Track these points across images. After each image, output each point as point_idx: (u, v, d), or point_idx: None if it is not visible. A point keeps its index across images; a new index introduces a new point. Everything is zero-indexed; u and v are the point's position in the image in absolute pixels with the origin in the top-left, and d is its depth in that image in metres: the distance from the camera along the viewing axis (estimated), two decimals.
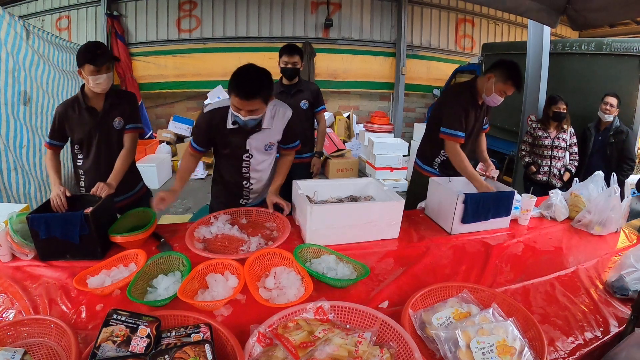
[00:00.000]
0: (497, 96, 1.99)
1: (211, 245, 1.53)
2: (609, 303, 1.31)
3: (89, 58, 1.67)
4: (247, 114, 1.55)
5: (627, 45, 3.55)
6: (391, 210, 1.67)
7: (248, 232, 1.63)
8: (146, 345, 0.89)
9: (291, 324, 1.01)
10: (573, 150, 3.18)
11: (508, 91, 1.97)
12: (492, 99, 2.02)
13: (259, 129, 1.72)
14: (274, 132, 1.77)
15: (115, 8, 5.74)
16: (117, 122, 1.89)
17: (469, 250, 1.65)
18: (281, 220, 1.71)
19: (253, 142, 1.75)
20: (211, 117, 1.71)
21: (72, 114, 1.82)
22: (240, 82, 1.50)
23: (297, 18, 6.34)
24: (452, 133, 2.03)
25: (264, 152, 1.80)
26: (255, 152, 1.78)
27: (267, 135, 1.76)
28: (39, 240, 1.38)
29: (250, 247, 1.52)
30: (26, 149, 3.29)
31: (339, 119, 6.49)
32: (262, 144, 1.77)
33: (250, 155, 1.78)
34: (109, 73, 1.74)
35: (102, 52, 1.70)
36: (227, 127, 1.69)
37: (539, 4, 2.44)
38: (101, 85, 1.73)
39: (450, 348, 0.97)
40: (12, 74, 3.12)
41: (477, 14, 7.35)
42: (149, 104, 6.20)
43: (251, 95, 1.50)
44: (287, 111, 1.80)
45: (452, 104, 2.09)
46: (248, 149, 1.76)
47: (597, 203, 1.86)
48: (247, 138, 1.73)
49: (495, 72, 1.97)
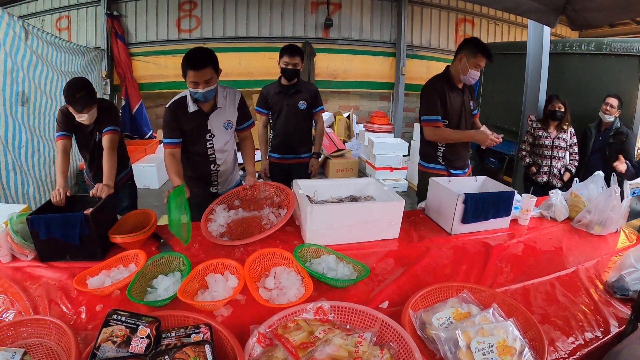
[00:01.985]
0: (473, 71, 2.12)
1: (233, 235, 1.57)
2: (609, 303, 1.31)
3: (68, 100, 1.84)
4: (204, 86, 1.74)
5: (627, 45, 3.54)
6: (391, 210, 1.67)
7: (253, 209, 1.69)
8: (146, 345, 0.89)
9: (291, 325, 1.01)
10: (573, 150, 3.18)
11: (481, 62, 2.11)
12: (470, 76, 2.14)
13: (215, 107, 1.91)
14: (228, 111, 1.98)
15: (115, 8, 5.73)
16: (98, 136, 2.06)
17: (469, 251, 1.65)
18: (273, 186, 1.87)
19: (213, 121, 1.94)
20: (174, 108, 1.88)
21: (69, 117, 1.96)
22: (191, 57, 1.72)
23: (297, 18, 6.34)
24: (429, 119, 2.19)
25: (224, 130, 1.99)
26: (217, 131, 1.96)
27: (223, 113, 1.96)
28: (39, 241, 1.38)
29: (270, 218, 1.65)
30: (25, 149, 3.29)
31: (339, 119, 6.48)
32: (220, 123, 1.96)
33: (212, 135, 1.96)
34: (91, 111, 1.90)
35: (80, 96, 1.83)
36: (189, 111, 1.87)
37: (539, 4, 2.44)
38: (84, 122, 1.93)
39: (450, 348, 0.97)
40: (11, 75, 3.12)
41: (477, 14, 7.34)
42: (149, 104, 6.19)
43: (202, 64, 1.71)
44: (237, 93, 2.02)
45: (426, 93, 2.25)
46: (210, 129, 1.94)
47: (597, 203, 1.86)
48: (207, 119, 1.92)
49: (464, 52, 2.14)
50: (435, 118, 2.17)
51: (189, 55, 1.73)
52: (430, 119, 2.18)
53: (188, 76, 1.73)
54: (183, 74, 1.76)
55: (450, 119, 2.22)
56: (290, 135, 2.71)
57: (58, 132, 1.99)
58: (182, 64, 1.73)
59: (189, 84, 1.76)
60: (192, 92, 1.80)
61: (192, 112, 1.88)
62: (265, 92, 2.71)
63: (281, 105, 2.66)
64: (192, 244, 1.59)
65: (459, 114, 2.24)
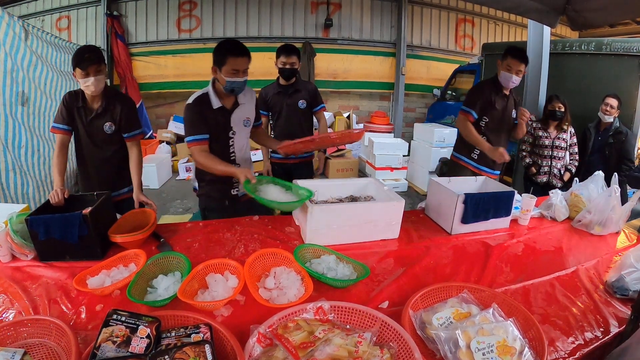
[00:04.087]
0: (505, 73, 2.28)
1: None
2: (609, 303, 1.31)
3: (76, 61, 1.76)
4: (242, 75, 1.74)
5: (627, 45, 3.54)
6: (391, 210, 1.67)
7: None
8: (146, 345, 0.88)
9: (291, 324, 1.01)
10: (573, 150, 3.18)
11: (512, 64, 2.26)
12: (504, 79, 2.31)
13: (237, 104, 1.89)
14: (247, 108, 1.96)
15: (115, 8, 5.74)
16: (107, 126, 1.93)
17: (469, 251, 1.65)
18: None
19: (235, 117, 1.91)
20: (198, 104, 1.83)
21: (72, 106, 1.88)
22: (232, 44, 1.73)
23: (297, 18, 6.34)
24: (464, 109, 2.41)
25: (243, 127, 1.97)
26: (237, 128, 1.94)
27: (244, 110, 1.94)
28: (38, 241, 1.38)
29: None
30: (24, 149, 3.29)
31: (339, 119, 6.49)
32: (241, 120, 1.94)
33: (234, 133, 1.93)
34: (98, 76, 1.79)
35: (89, 55, 1.76)
36: (213, 107, 1.83)
37: (539, 4, 2.44)
38: (89, 88, 1.80)
39: (450, 348, 0.97)
40: (10, 75, 3.12)
41: (477, 14, 7.35)
42: (149, 104, 6.20)
43: (244, 51, 1.73)
44: (252, 90, 2.01)
45: (473, 89, 2.50)
46: (232, 126, 1.91)
47: (597, 203, 1.86)
48: (231, 115, 1.89)
49: (501, 57, 2.34)
50: (470, 111, 2.39)
51: (229, 43, 1.73)
52: (465, 109, 2.42)
53: (228, 63, 1.70)
54: (219, 63, 1.72)
55: (491, 119, 2.43)
56: (291, 135, 2.70)
57: (56, 122, 1.87)
58: (218, 52, 1.72)
59: (227, 72, 1.72)
60: (229, 82, 1.74)
61: (217, 109, 1.83)
62: (264, 93, 2.71)
63: (281, 106, 2.66)
64: (192, 243, 1.59)
65: (500, 117, 2.44)
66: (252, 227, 1.75)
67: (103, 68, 1.83)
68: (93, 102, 1.90)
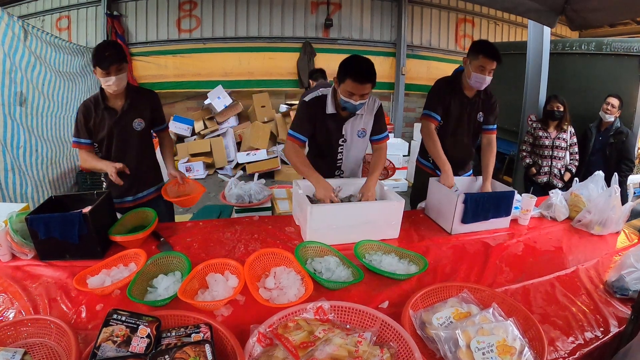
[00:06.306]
0: (477, 74, 1.93)
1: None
2: (609, 303, 1.31)
3: (96, 60, 1.67)
4: (359, 99, 1.65)
5: (627, 45, 3.55)
6: (391, 210, 1.67)
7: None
8: (146, 345, 0.89)
9: (291, 324, 1.01)
10: (573, 150, 3.18)
11: (486, 64, 1.90)
12: (475, 80, 1.95)
13: (354, 113, 1.81)
14: (365, 118, 1.88)
15: (115, 8, 5.73)
16: (136, 123, 1.86)
17: (469, 250, 1.65)
18: None
19: (349, 127, 1.86)
20: (313, 104, 1.80)
21: (93, 113, 1.79)
22: (358, 68, 1.63)
23: (297, 18, 6.33)
24: (426, 113, 2.14)
25: (357, 138, 1.92)
26: (350, 137, 1.90)
27: (360, 121, 1.87)
28: (38, 240, 1.38)
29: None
30: (23, 150, 3.29)
31: None
32: (355, 130, 1.89)
33: (345, 140, 1.90)
34: (120, 75, 1.70)
35: (110, 54, 1.67)
36: (327, 112, 1.79)
37: (538, 4, 2.44)
38: (111, 87, 1.71)
39: (450, 348, 0.97)
40: (9, 75, 3.12)
41: (477, 14, 7.35)
42: None
43: (367, 79, 1.62)
44: (377, 101, 1.90)
45: (430, 91, 2.19)
46: (344, 134, 1.88)
47: (597, 203, 1.86)
48: (344, 123, 1.85)
49: (468, 55, 2.00)
50: (432, 114, 2.09)
51: (355, 66, 1.63)
52: (426, 113, 2.13)
53: (345, 84, 1.63)
54: (339, 78, 1.66)
55: (446, 123, 2.12)
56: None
57: (77, 137, 1.80)
58: (341, 67, 1.65)
59: (344, 92, 1.65)
60: (343, 100, 1.68)
61: (330, 114, 1.79)
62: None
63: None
64: (192, 243, 1.59)
65: (457, 121, 2.11)
66: (252, 227, 1.76)
67: (124, 66, 1.73)
68: (116, 100, 1.81)
